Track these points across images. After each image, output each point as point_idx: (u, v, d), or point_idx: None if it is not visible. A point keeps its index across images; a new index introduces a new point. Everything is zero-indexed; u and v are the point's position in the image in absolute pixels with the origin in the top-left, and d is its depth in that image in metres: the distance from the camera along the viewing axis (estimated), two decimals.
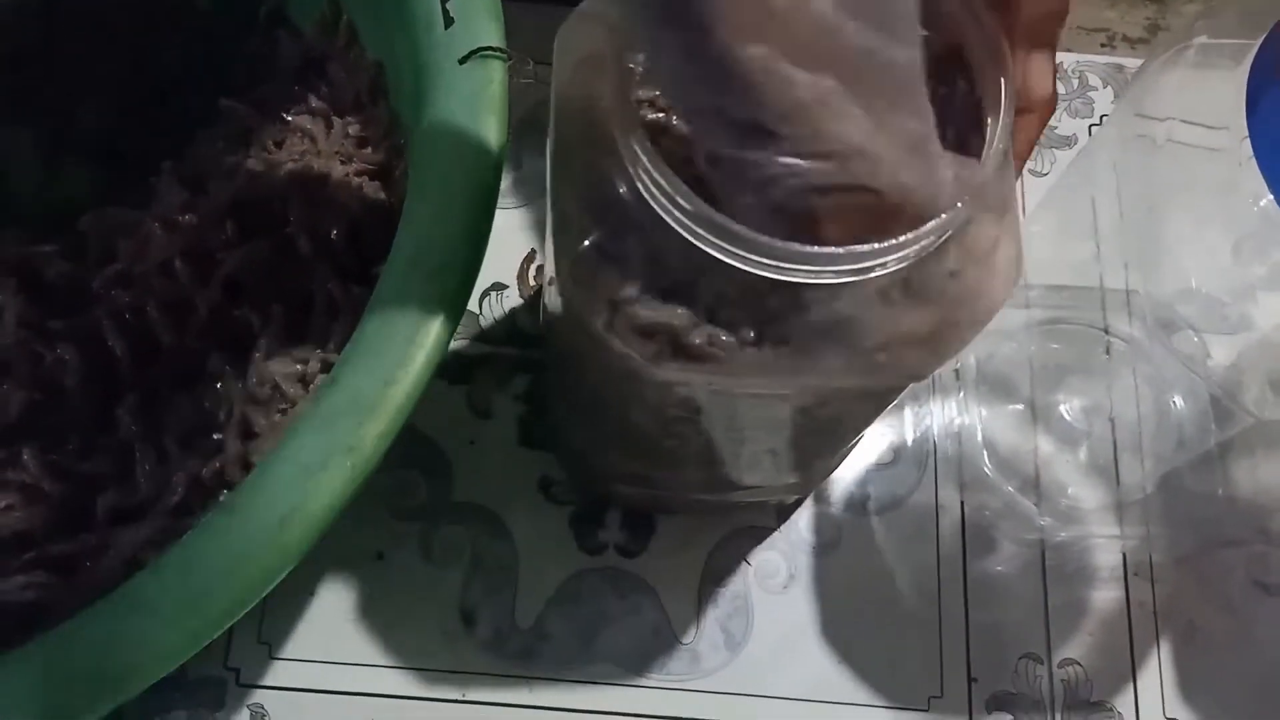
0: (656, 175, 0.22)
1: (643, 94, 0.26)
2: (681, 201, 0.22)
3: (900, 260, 0.23)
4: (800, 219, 0.23)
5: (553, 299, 0.29)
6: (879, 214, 0.22)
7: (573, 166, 0.26)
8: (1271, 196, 0.28)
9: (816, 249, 0.22)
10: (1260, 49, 0.28)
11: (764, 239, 0.22)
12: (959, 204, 0.23)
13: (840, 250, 0.22)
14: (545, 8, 0.51)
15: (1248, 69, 0.29)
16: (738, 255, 0.22)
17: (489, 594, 0.42)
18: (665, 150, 0.23)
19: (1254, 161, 0.28)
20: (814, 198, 0.22)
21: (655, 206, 0.23)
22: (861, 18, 0.21)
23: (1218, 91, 0.30)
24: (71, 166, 0.42)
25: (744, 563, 0.43)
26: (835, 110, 0.21)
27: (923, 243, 0.22)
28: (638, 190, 0.23)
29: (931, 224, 0.22)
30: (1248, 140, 0.29)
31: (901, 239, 0.22)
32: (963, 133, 0.25)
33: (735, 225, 0.22)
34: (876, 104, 0.22)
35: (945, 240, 0.23)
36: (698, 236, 0.23)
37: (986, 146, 0.24)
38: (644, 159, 0.23)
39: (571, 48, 0.27)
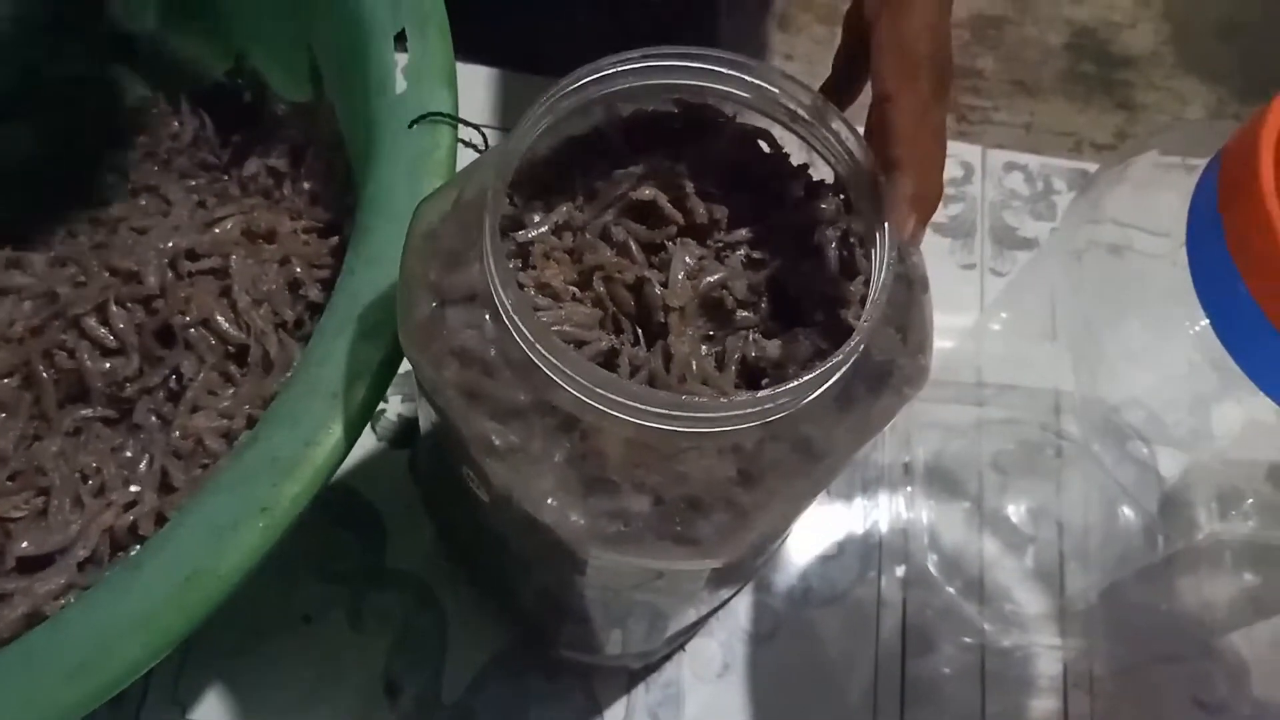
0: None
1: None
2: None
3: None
4: None
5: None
6: None
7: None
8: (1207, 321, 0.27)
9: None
10: (1205, 171, 0.28)
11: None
12: None
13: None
14: (502, 75, 0.51)
15: (1194, 183, 0.29)
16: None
17: (415, 666, 0.41)
18: None
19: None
20: None
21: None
22: None
23: (1165, 201, 0.30)
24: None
25: (679, 649, 0.42)
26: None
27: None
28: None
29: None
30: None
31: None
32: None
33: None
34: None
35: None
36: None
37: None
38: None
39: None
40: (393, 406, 0.45)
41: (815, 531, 0.44)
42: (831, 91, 0.32)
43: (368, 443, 0.44)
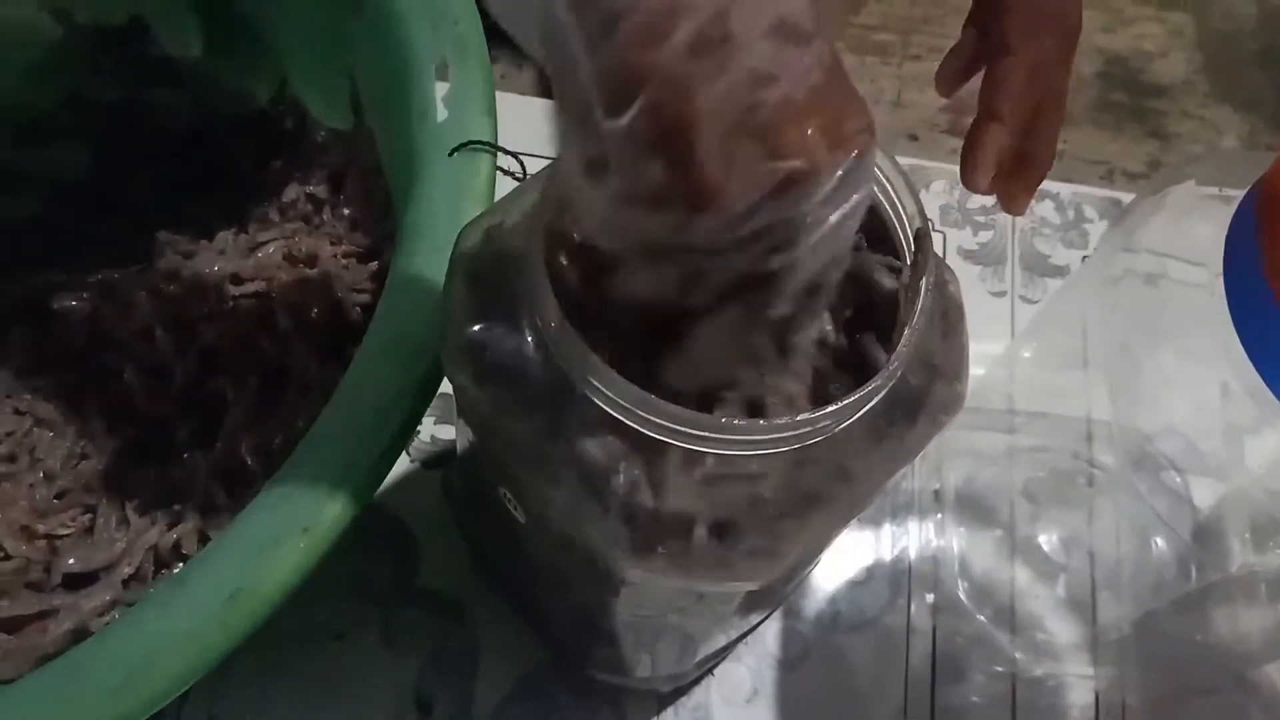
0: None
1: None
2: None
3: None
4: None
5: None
6: None
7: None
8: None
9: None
10: (1243, 201, 0.28)
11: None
12: None
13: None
14: (542, 104, 0.52)
15: (1231, 213, 0.29)
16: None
17: (446, 684, 0.41)
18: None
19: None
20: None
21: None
22: None
23: (1201, 230, 0.30)
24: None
25: (708, 673, 0.42)
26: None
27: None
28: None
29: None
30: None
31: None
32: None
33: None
34: None
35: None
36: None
37: None
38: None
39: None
40: (426, 428, 0.45)
41: (844, 557, 0.44)
42: (957, 56, 0.32)
43: (401, 463, 0.44)
